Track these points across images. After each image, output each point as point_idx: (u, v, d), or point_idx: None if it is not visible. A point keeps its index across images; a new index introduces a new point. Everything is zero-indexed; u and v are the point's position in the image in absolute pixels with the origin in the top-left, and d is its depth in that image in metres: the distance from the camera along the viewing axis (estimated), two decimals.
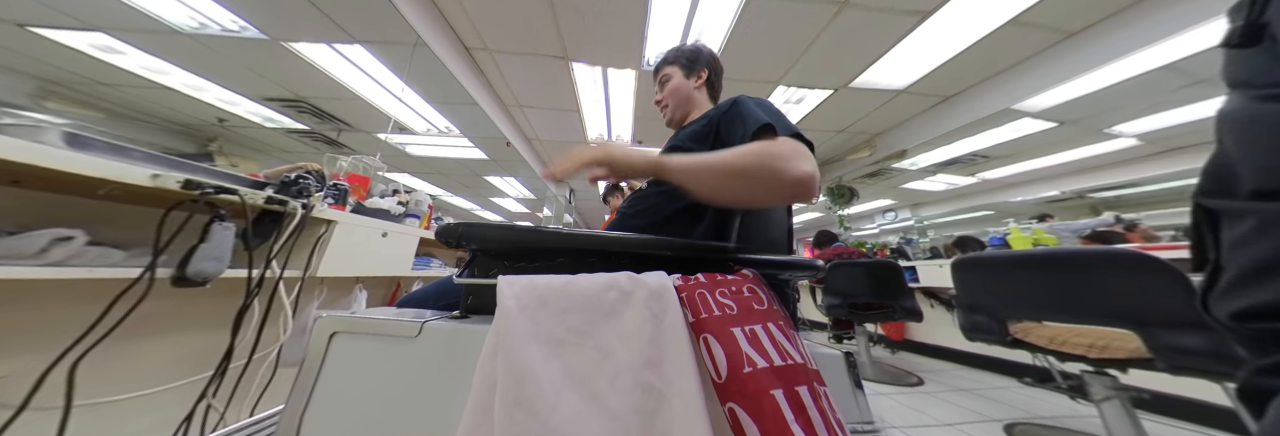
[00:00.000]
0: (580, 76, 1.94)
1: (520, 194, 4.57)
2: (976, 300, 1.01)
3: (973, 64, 1.64)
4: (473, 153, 3.01)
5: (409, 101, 2.10)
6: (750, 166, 0.33)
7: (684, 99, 0.59)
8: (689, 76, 0.60)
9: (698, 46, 0.61)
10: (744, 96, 0.47)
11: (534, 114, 2.47)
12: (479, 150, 2.92)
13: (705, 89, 0.60)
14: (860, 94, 1.92)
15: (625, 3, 1.39)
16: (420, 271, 1.10)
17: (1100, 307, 0.79)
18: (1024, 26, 1.38)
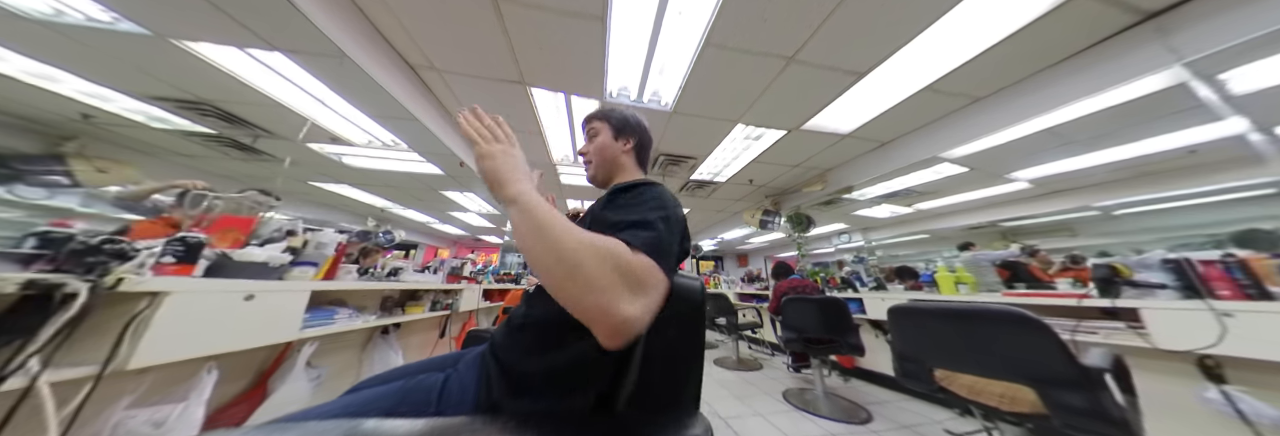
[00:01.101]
0: (541, 101, 1.88)
1: (482, 209, 4.31)
2: (907, 347, 1.05)
3: (903, 118, 1.86)
4: (426, 167, 2.79)
5: (345, 113, 1.91)
6: (588, 266, 0.27)
7: (610, 160, 0.56)
8: (617, 138, 0.56)
9: (628, 115, 0.59)
10: (657, 187, 0.43)
11: None
12: (433, 166, 2.72)
13: (633, 154, 0.57)
14: (811, 135, 2.09)
15: (583, 41, 1.38)
16: (320, 328, 0.92)
17: (1001, 361, 0.85)
18: (938, 92, 1.61)
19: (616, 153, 0.56)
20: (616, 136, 0.56)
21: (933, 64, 1.43)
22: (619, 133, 0.57)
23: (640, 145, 0.58)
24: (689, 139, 2.27)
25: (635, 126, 0.58)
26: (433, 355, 0.58)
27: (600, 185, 0.59)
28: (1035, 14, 1.16)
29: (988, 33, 1.26)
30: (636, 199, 0.40)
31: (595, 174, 0.58)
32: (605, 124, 0.57)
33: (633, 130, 0.57)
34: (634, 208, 0.38)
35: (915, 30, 1.25)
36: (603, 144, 0.56)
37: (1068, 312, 1.22)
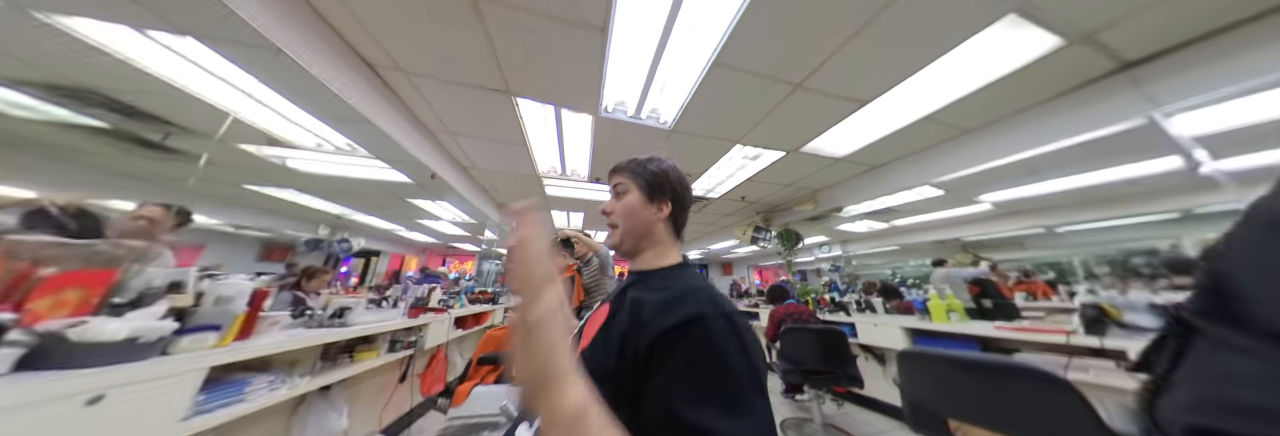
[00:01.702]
0: (527, 112, 1.71)
1: (457, 217, 3.95)
2: (919, 396, 1.00)
3: (896, 144, 1.90)
4: (391, 175, 2.47)
5: (285, 113, 1.60)
6: None
7: (641, 227, 0.43)
8: (650, 200, 0.43)
9: (666, 170, 0.45)
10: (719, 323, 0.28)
11: (469, 142, 2.12)
12: (399, 173, 2.41)
13: (669, 223, 0.44)
14: (807, 157, 2.08)
15: (579, 51, 1.24)
16: (221, 412, 0.69)
17: (1022, 420, 0.82)
18: (934, 122, 1.65)
19: (649, 220, 0.43)
20: (650, 198, 0.44)
21: (931, 96, 1.45)
22: (653, 193, 0.44)
23: (678, 209, 0.45)
24: (686, 156, 2.18)
25: (675, 185, 0.45)
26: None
27: (624, 256, 0.46)
28: (1029, 58, 1.20)
29: (984, 71, 1.29)
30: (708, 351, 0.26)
31: (620, 242, 0.45)
32: (635, 181, 0.44)
33: (670, 190, 0.44)
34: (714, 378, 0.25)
35: (920, 64, 1.25)
36: (631, 207, 0.43)
37: (1058, 349, 1.25)
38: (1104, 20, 1.03)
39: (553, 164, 2.45)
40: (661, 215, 0.44)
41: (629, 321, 0.33)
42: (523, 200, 0.30)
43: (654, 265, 0.43)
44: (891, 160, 2.14)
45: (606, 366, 0.31)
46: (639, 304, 0.34)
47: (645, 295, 0.35)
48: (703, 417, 0.23)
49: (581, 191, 2.99)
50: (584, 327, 0.43)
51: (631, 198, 0.44)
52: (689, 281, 0.37)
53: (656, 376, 0.27)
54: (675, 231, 0.46)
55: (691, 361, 0.26)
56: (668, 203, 0.44)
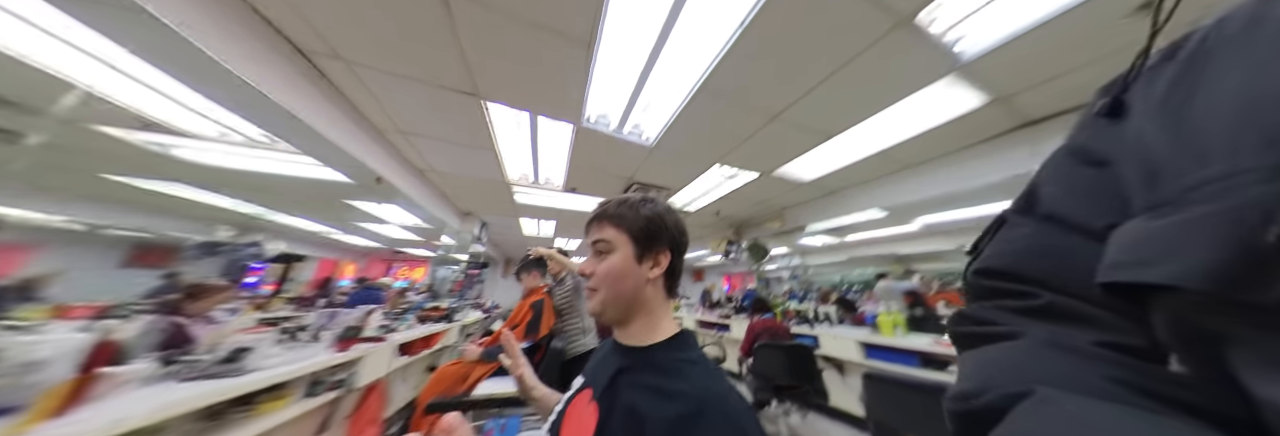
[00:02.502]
0: (499, 117, 1.58)
1: (407, 222, 3.51)
2: (883, 415, 1.08)
3: (854, 173, 2.11)
4: (326, 173, 2.11)
5: (172, 93, 1.25)
6: None
7: (629, 293, 0.35)
8: (642, 259, 0.36)
9: (659, 213, 0.38)
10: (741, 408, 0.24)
11: (427, 144, 1.91)
12: (337, 172, 2.07)
13: (661, 283, 0.37)
14: (778, 180, 2.22)
15: (562, 62, 1.18)
16: None
17: None
18: (884, 157, 1.86)
19: (639, 283, 0.36)
20: (641, 256, 0.36)
21: (884, 135, 1.64)
22: (645, 248, 0.36)
23: (674, 263, 0.38)
24: (665, 172, 2.19)
25: (673, 233, 0.38)
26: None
27: (610, 326, 0.38)
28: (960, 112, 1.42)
29: (926, 119, 1.49)
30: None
31: (602, 311, 0.37)
32: (623, 234, 0.37)
33: (669, 239, 0.37)
34: None
35: (878, 108, 1.41)
36: (618, 270, 0.35)
37: None
38: (1023, 85, 1.26)
39: (525, 171, 2.30)
40: (655, 274, 0.37)
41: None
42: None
43: (647, 340, 0.36)
44: (848, 186, 2.38)
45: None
46: (638, 418, 0.27)
47: (644, 401, 0.29)
48: None
49: (555, 200, 2.85)
50: (563, 422, 0.35)
51: (617, 259, 0.36)
52: (700, 381, 0.30)
53: None
54: (670, 288, 0.39)
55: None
56: (666, 253, 0.37)
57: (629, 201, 0.39)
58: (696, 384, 0.29)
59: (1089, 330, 0.14)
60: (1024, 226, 0.19)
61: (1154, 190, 0.13)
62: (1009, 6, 0.93)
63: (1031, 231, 0.19)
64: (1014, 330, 0.17)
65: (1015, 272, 0.18)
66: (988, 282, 0.19)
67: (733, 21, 1.00)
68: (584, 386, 0.38)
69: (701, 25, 1.02)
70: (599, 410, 0.32)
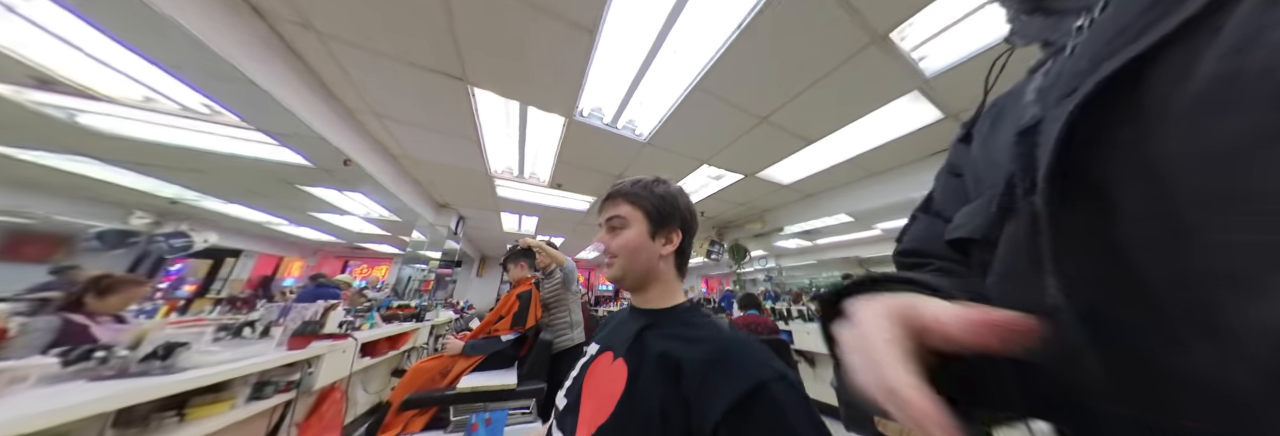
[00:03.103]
0: (485, 104, 1.52)
1: (373, 213, 3.23)
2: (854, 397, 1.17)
3: (828, 178, 2.28)
4: (280, 154, 1.89)
5: (82, 45, 1.04)
6: None
7: (643, 266, 0.38)
8: (655, 236, 0.38)
9: (672, 193, 0.40)
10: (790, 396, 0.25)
11: (403, 129, 1.79)
12: (293, 152, 1.86)
13: (672, 260, 0.40)
14: (761, 182, 2.34)
15: (561, 50, 1.16)
16: None
17: None
18: (854, 164, 2.04)
19: (652, 257, 0.38)
20: (654, 232, 0.38)
21: (855, 144, 1.80)
22: (658, 226, 0.39)
23: (684, 242, 0.40)
24: (655, 170, 2.19)
25: (684, 213, 0.40)
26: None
27: (626, 289, 0.41)
28: (919, 125, 1.59)
29: (890, 131, 1.66)
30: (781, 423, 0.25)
31: (623, 276, 0.39)
32: (638, 211, 0.39)
33: (680, 218, 0.40)
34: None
35: (853, 118, 1.54)
36: (633, 243, 0.38)
37: None
38: (972, 104, 1.44)
39: (509, 164, 2.22)
40: (668, 251, 0.39)
41: (665, 388, 0.28)
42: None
43: (666, 304, 0.38)
44: (823, 190, 2.55)
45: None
46: (671, 361, 0.29)
47: (674, 347, 0.30)
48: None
49: (539, 196, 2.77)
50: (584, 384, 0.36)
51: (632, 234, 0.38)
52: (718, 329, 0.33)
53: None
54: (680, 267, 0.41)
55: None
56: (677, 232, 0.40)
57: (643, 182, 0.41)
58: (717, 333, 0.32)
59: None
60: (922, 221, 0.28)
61: (975, 188, 0.23)
62: (964, 34, 1.07)
63: (926, 224, 0.28)
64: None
65: (916, 250, 0.27)
66: (904, 259, 0.27)
67: (730, 23, 1.06)
68: (601, 351, 0.39)
69: (703, 22, 1.06)
70: (628, 364, 0.33)
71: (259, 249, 5.24)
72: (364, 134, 1.86)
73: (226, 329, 1.03)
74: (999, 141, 0.21)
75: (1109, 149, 0.13)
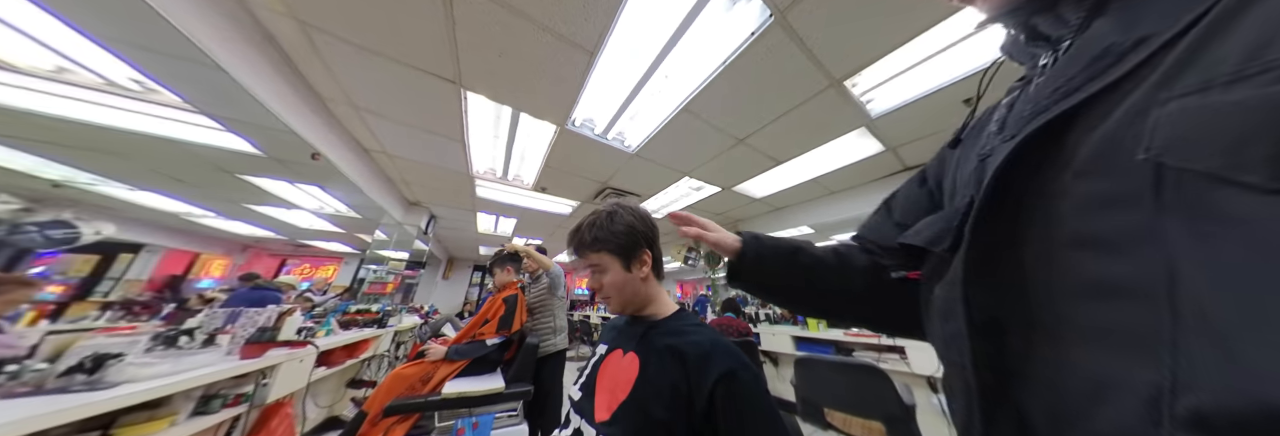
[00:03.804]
0: (476, 108, 1.53)
1: (328, 208, 2.95)
2: (808, 392, 1.32)
3: (794, 194, 2.55)
4: (224, 140, 1.70)
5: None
6: None
7: (634, 295, 0.45)
8: (630, 266, 0.45)
9: (629, 222, 0.45)
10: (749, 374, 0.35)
11: (383, 125, 1.72)
12: (242, 139, 1.69)
13: (651, 276, 0.47)
14: (736, 195, 2.54)
15: (561, 66, 1.23)
16: None
17: (863, 402, 1.18)
18: (816, 183, 2.31)
19: (636, 285, 0.45)
20: (628, 265, 0.45)
21: (817, 167, 2.06)
22: (629, 259, 0.45)
23: (654, 255, 0.47)
24: (640, 179, 2.32)
25: (645, 233, 0.47)
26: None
27: (633, 314, 0.48)
28: (865, 155, 1.87)
29: (843, 158, 1.93)
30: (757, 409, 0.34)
31: (622, 309, 0.47)
32: (607, 254, 0.45)
33: (642, 240, 0.46)
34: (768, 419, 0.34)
35: (814, 145, 1.78)
36: (618, 282, 0.45)
37: (873, 347, 1.84)
38: (906, 140, 1.73)
39: (492, 166, 2.20)
40: (645, 272, 0.46)
41: (675, 369, 0.37)
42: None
43: (661, 313, 0.47)
44: (790, 205, 2.83)
45: (660, 418, 0.34)
46: (679, 352, 0.38)
47: (678, 342, 0.39)
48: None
49: (521, 198, 2.74)
50: (599, 376, 0.43)
51: (613, 276, 0.45)
52: (707, 331, 0.42)
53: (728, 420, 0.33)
54: (657, 273, 0.48)
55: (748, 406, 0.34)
56: (645, 251, 0.46)
57: (598, 223, 0.46)
58: (706, 336, 0.41)
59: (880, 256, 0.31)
60: (880, 214, 0.34)
61: (950, 195, 0.26)
62: (903, 84, 1.31)
63: (881, 218, 0.33)
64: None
65: (862, 237, 0.33)
66: (856, 243, 0.34)
67: (717, 59, 1.21)
68: (611, 350, 0.46)
69: (693, 55, 1.19)
70: (639, 355, 0.41)
71: (169, 244, 4.46)
72: (336, 125, 1.74)
73: (159, 338, 0.91)
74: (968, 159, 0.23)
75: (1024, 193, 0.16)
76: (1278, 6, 0.11)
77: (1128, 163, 0.13)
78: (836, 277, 0.32)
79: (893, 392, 1.09)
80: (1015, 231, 0.17)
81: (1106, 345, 0.14)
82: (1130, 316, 0.13)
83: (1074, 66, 0.17)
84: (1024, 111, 0.18)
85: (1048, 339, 0.16)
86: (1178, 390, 0.12)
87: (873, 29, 1.02)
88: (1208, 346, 0.11)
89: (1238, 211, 0.11)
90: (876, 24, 1.00)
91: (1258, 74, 0.11)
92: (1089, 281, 0.15)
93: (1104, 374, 0.14)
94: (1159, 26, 0.14)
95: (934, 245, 0.22)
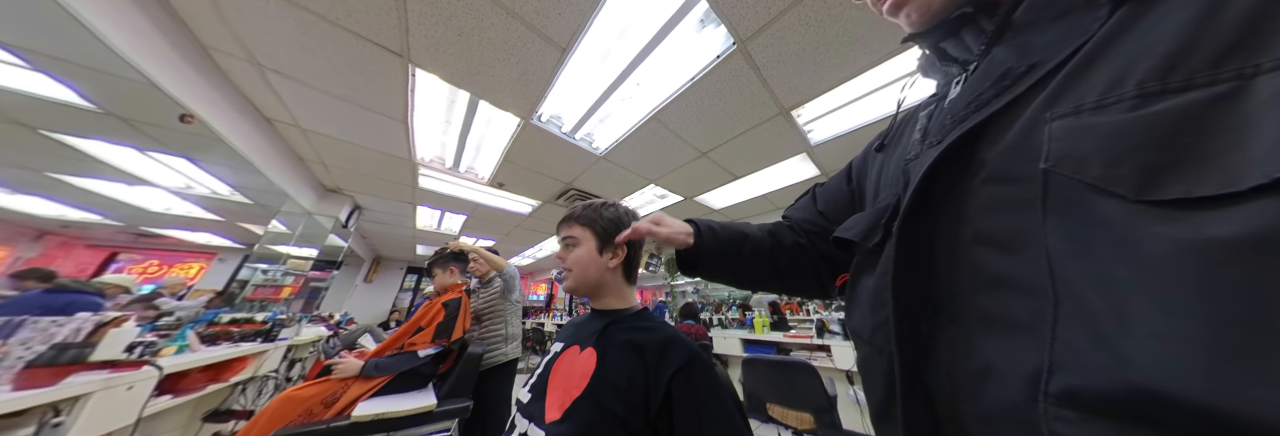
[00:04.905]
0: (427, 88, 1.36)
1: (198, 187, 2.30)
2: (754, 388, 1.42)
3: (747, 209, 2.78)
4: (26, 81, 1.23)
5: None
6: None
7: (594, 278, 0.45)
8: (603, 251, 0.46)
9: (619, 216, 0.48)
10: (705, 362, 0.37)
11: (300, 91, 1.41)
12: (60, 84, 1.24)
13: (621, 271, 0.47)
14: (698, 205, 2.68)
15: (529, 57, 1.17)
16: None
17: (798, 396, 1.30)
18: (765, 200, 2.57)
19: (601, 270, 0.46)
20: (602, 249, 0.46)
21: (765, 185, 2.29)
22: (606, 243, 0.46)
23: (631, 256, 0.48)
24: (606, 183, 2.31)
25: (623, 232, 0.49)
26: None
27: (581, 296, 0.49)
28: (805, 177, 2.15)
29: (786, 178, 2.19)
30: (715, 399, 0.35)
31: (576, 288, 0.47)
32: (589, 232, 0.46)
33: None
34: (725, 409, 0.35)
35: (764, 166, 1.99)
36: (583, 259, 0.45)
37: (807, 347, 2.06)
38: (838, 167, 2.04)
39: (441, 154, 1.98)
40: (614, 264, 0.46)
41: (634, 362, 0.36)
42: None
43: (621, 307, 0.47)
44: (744, 218, 3.08)
45: (615, 411, 0.32)
46: (638, 345, 0.38)
47: (636, 336, 0.39)
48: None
49: (475, 193, 2.50)
50: (552, 374, 0.41)
51: (582, 251, 0.45)
52: (666, 326, 0.43)
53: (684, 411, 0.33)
54: (628, 276, 0.49)
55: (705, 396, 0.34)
56: (622, 248, 0.47)
57: (594, 205, 0.49)
58: (665, 326, 0.43)
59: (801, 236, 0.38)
60: (808, 198, 0.39)
61: (873, 194, 0.29)
62: (839, 118, 1.56)
63: (808, 203, 0.39)
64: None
65: (789, 217, 0.40)
66: (784, 222, 0.40)
67: (685, 76, 1.29)
68: (567, 347, 0.44)
69: (664, 68, 1.26)
70: (597, 350, 0.39)
71: None
72: (224, 84, 1.37)
73: None
74: (892, 162, 0.26)
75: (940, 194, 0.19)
76: (1132, 49, 0.13)
77: (1025, 172, 0.15)
78: (768, 257, 0.37)
79: (821, 386, 1.22)
80: (933, 228, 0.19)
81: (997, 331, 0.16)
82: (1018, 306, 0.15)
83: (984, 84, 0.19)
84: (945, 121, 0.21)
85: (952, 324, 0.18)
86: (1054, 370, 0.13)
87: (818, 68, 1.21)
88: (1081, 334, 0.13)
89: (1108, 217, 0.13)
90: (821, 65, 1.19)
91: (1113, 104, 0.13)
92: (986, 275, 0.17)
93: (993, 356, 0.16)
94: (1045, 55, 0.17)
95: (866, 240, 0.24)
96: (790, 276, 0.37)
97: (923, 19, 0.22)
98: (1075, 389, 0.13)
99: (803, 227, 0.37)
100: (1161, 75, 0.12)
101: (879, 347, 0.21)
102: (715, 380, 0.36)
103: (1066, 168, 0.14)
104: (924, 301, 0.19)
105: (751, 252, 0.36)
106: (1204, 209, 0.11)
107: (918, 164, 0.21)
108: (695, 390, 0.34)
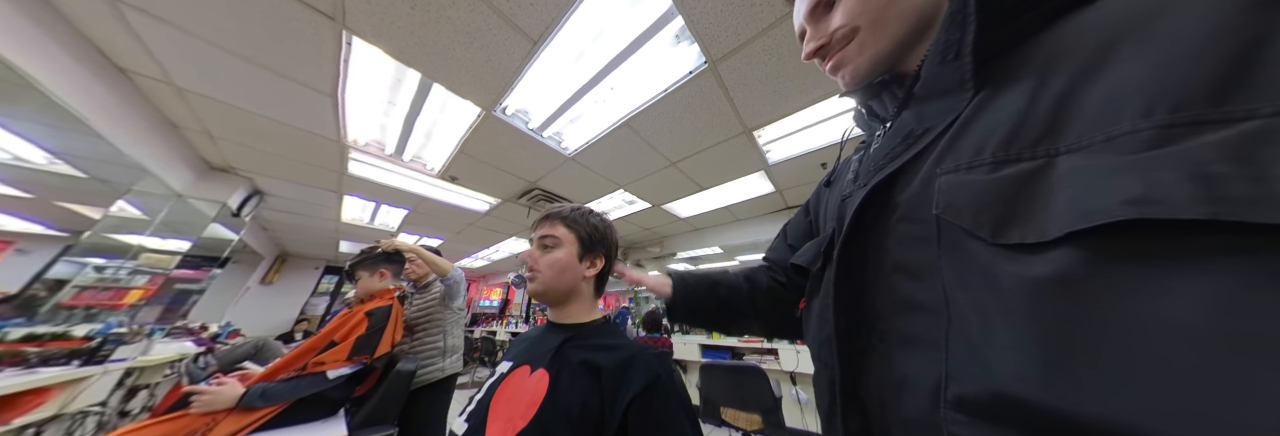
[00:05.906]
0: (364, 60, 1.18)
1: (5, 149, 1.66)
2: (709, 393, 1.45)
3: (712, 218, 2.91)
4: None
5: None
6: None
7: (567, 285, 0.42)
8: (582, 258, 0.43)
9: (604, 224, 0.46)
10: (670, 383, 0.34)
11: (176, 40, 1.11)
12: None
13: (593, 282, 0.45)
14: (664, 213, 2.73)
15: (498, 48, 1.10)
16: None
17: (748, 398, 1.36)
18: (727, 211, 2.71)
19: (576, 277, 0.43)
20: (582, 255, 0.43)
21: (729, 197, 2.42)
22: (587, 250, 0.44)
23: (606, 267, 0.46)
24: (573, 185, 2.24)
25: (610, 244, 0.47)
26: None
27: (546, 304, 0.44)
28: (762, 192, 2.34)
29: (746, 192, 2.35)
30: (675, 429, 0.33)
31: (543, 293, 0.42)
32: (572, 234, 0.44)
33: (605, 246, 0.46)
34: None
35: (728, 179, 2.11)
36: (562, 262, 0.42)
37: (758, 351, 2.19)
38: (789, 185, 2.24)
39: (379, 137, 1.74)
40: (591, 273, 0.44)
41: (588, 386, 0.33)
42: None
43: (583, 319, 0.43)
44: (707, 227, 3.22)
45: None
46: (594, 367, 0.34)
47: (594, 356, 0.36)
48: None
49: (421, 185, 2.23)
50: (495, 400, 0.35)
51: (562, 254, 0.43)
52: (629, 344, 0.40)
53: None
54: (598, 288, 0.47)
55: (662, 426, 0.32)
56: (602, 258, 0.45)
57: (581, 210, 0.47)
58: (628, 344, 0.39)
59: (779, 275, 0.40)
60: (780, 238, 0.41)
61: (822, 226, 0.33)
62: (793, 142, 1.73)
63: (780, 242, 0.41)
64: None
65: (768, 258, 0.42)
66: (763, 261, 0.42)
67: (659, 87, 1.32)
68: (516, 367, 0.39)
69: (638, 76, 1.27)
70: (549, 372, 0.35)
71: None
72: (44, 16, 1.02)
73: None
74: (833, 197, 0.30)
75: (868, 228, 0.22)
76: (987, 124, 0.17)
77: (925, 214, 0.19)
78: (746, 301, 0.39)
79: (768, 388, 1.29)
80: (862, 257, 0.22)
81: (910, 348, 0.19)
82: (924, 326, 0.18)
83: (895, 140, 0.23)
84: (871, 167, 0.25)
85: (880, 342, 0.20)
86: (949, 381, 0.16)
87: (778, 96, 1.33)
88: (964, 349, 0.16)
89: (978, 255, 0.16)
90: (781, 92, 1.31)
91: (978, 166, 0.17)
92: (902, 299, 0.20)
93: (908, 369, 0.18)
94: (934, 122, 0.21)
95: (811, 265, 0.28)
96: (773, 314, 0.38)
97: (853, 80, 0.27)
98: (963, 396, 0.15)
99: (779, 265, 0.39)
100: (1005, 148, 0.16)
101: (825, 362, 0.24)
102: (676, 408, 0.33)
103: (950, 214, 0.17)
104: (858, 322, 0.22)
105: (726, 298, 0.39)
106: (1031, 253, 0.14)
107: (851, 201, 0.24)
108: (651, 420, 0.32)
